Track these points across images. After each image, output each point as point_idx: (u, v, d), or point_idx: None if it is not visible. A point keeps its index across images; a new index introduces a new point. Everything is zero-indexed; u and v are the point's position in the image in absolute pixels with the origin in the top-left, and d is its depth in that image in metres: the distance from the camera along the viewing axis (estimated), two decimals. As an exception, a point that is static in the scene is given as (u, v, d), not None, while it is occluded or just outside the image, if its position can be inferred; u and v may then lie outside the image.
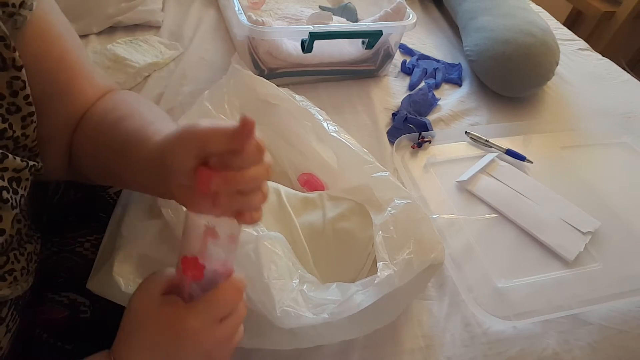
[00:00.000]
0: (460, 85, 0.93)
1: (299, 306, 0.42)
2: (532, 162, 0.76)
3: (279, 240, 0.47)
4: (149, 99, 0.70)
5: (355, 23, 0.91)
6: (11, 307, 0.38)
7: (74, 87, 0.42)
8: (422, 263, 0.46)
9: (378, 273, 0.44)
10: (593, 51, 1.10)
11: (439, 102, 0.87)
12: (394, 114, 0.82)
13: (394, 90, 0.89)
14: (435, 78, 0.92)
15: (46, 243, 0.50)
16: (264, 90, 0.61)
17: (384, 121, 0.81)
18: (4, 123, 0.34)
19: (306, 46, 0.75)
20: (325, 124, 0.58)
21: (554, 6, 1.45)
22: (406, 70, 0.94)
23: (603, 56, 1.08)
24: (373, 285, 0.43)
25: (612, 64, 1.05)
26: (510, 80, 0.85)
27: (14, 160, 0.34)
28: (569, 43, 1.10)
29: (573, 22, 1.84)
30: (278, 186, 0.57)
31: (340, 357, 0.50)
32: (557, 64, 0.88)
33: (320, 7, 0.99)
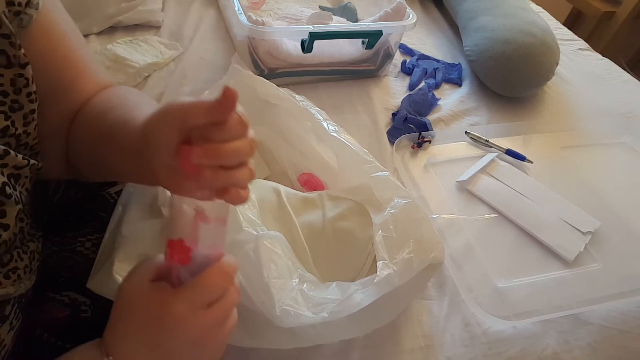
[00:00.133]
0: (460, 85, 0.93)
1: (299, 305, 0.42)
2: (532, 162, 0.76)
3: (279, 239, 0.47)
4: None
5: (355, 23, 0.92)
6: (14, 305, 0.38)
7: (79, 85, 0.42)
8: (422, 262, 0.46)
9: (378, 272, 0.44)
10: (593, 51, 1.10)
11: (439, 102, 0.87)
12: (394, 114, 0.82)
13: (394, 90, 0.89)
14: (435, 78, 0.92)
15: (47, 242, 0.50)
16: (264, 90, 0.61)
17: (384, 121, 0.81)
18: (7, 120, 0.34)
19: (306, 46, 0.75)
20: (325, 124, 0.58)
21: (554, 6, 1.45)
22: (406, 70, 0.94)
23: (603, 56, 1.08)
24: (373, 284, 0.43)
25: (612, 64, 1.05)
26: (510, 80, 0.85)
27: (16, 157, 0.35)
28: (569, 43, 1.10)
29: (573, 22, 1.84)
30: (278, 186, 0.57)
31: (340, 357, 0.50)
32: (557, 64, 0.88)
33: (320, 7, 0.99)
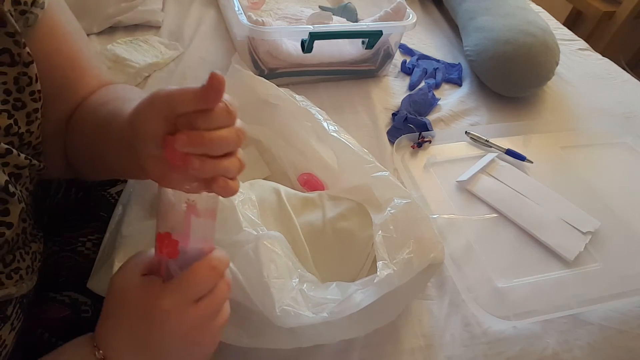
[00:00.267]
0: (460, 85, 0.93)
1: (299, 305, 0.42)
2: (532, 162, 0.76)
3: (279, 239, 0.47)
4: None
5: (355, 23, 0.92)
6: (16, 306, 0.38)
7: (82, 84, 0.42)
8: (422, 263, 0.46)
9: (378, 272, 0.44)
10: (593, 51, 1.10)
11: (439, 102, 0.87)
12: (394, 114, 0.82)
13: (394, 90, 0.89)
14: (435, 78, 0.92)
15: (47, 242, 0.50)
16: (264, 90, 0.61)
17: (384, 121, 0.81)
18: (10, 119, 0.34)
19: (306, 46, 0.75)
20: (325, 124, 0.58)
21: (554, 6, 1.45)
22: (406, 70, 0.94)
23: (603, 56, 1.08)
24: (373, 284, 0.43)
25: (612, 64, 1.05)
26: (510, 80, 0.85)
27: (18, 156, 0.35)
28: (569, 43, 1.10)
29: (573, 22, 1.84)
30: (278, 186, 0.57)
31: (340, 357, 0.50)
32: (557, 64, 0.88)
33: (320, 7, 0.99)
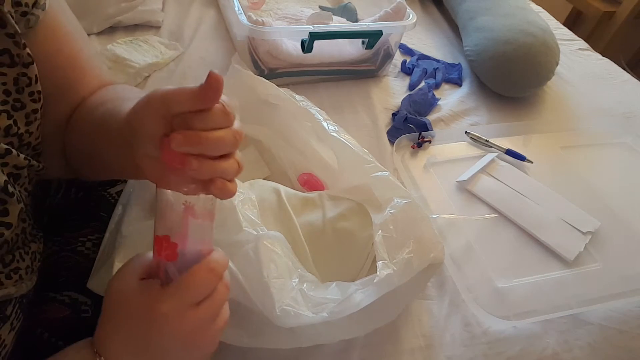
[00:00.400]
0: (460, 85, 0.93)
1: (299, 305, 0.42)
2: (532, 162, 0.76)
3: (279, 239, 0.47)
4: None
5: (355, 23, 0.92)
6: (15, 305, 0.38)
7: (83, 84, 0.42)
8: (422, 262, 0.46)
9: (378, 272, 0.44)
10: (593, 51, 1.10)
11: (439, 102, 0.87)
12: (394, 114, 0.82)
13: (394, 90, 0.89)
14: (435, 78, 0.92)
15: (47, 242, 0.50)
16: (264, 90, 0.61)
17: (384, 121, 0.81)
18: (10, 119, 0.34)
19: (306, 46, 0.75)
20: (325, 124, 0.58)
21: (554, 6, 1.45)
22: (406, 70, 0.94)
23: (603, 56, 1.08)
24: (373, 284, 0.43)
25: (612, 64, 1.05)
26: (510, 80, 0.85)
27: (17, 157, 0.35)
28: (569, 43, 1.10)
29: (573, 22, 1.84)
30: (278, 186, 0.57)
31: (340, 357, 0.50)
32: (557, 64, 0.88)
33: (320, 7, 0.99)
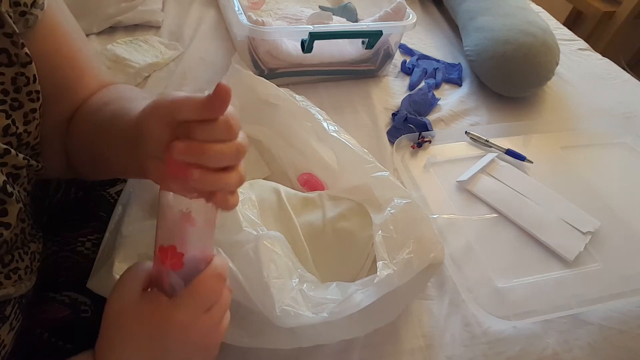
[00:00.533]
0: (460, 85, 0.93)
1: (299, 305, 0.42)
2: (532, 162, 0.76)
3: (279, 239, 0.47)
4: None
5: (355, 23, 0.92)
6: (15, 306, 0.38)
7: (82, 84, 0.42)
8: (422, 263, 0.46)
9: (378, 272, 0.44)
10: (593, 51, 1.10)
11: (439, 102, 0.87)
12: (394, 114, 0.82)
13: (394, 90, 0.89)
14: (435, 78, 0.92)
15: (47, 242, 0.50)
16: (264, 90, 0.61)
17: (384, 121, 0.81)
18: (8, 119, 0.34)
19: (306, 46, 0.75)
20: (325, 124, 0.58)
21: (554, 6, 1.45)
22: (406, 70, 0.94)
23: (603, 56, 1.08)
24: (373, 284, 0.43)
25: (612, 64, 1.05)
26: (510, 80, 0.85)
27: (16, 157, 0.35)
28: (569, 43, 1.10)
29: (573, 22, 1.84)
30: (278, 186, 0.57)
31: (340, 357, 0.50)
32: (557, 64, 0.88)
33: (320, 7, 0.99)
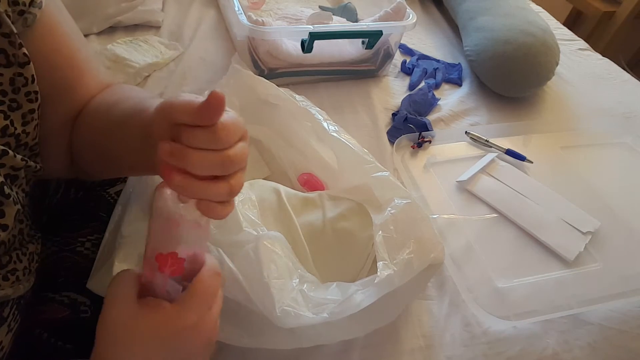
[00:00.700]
0: (460, 85, 0.93)
1: (299, 306, 0.42)
2: (532, 162, 0.76)
3: (279, 239, 0.47)
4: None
5: (355, 23, 0.91)
6: (13, 307, 0.38)
7: (81, 84, 0.42)
8: (422, 263, 0.46)
9: (378, 273, 0.44)
10: (593, 51, 1.10)
11: (439, 102, 0.87)
12: (394, 114, 0.82)
13: (394, 90, 0.89)
14: (435, 78, 0.92)
15: (46, 242, 0.50)
16: (264, 90, 0.61)
17: (384, 121, 0.81)
18: (6, 120, 0.34)
19: (306, 46, 0.75)
20: (325, 124, 0.58)
21: (554, 6, 1.45)
22: (406, 70, 0.94)
23: (603, 56, 1.08)
24: (373, 285, 0.43)
25: (612, 64, 1.05)
26: (510, 80, 0.85)
27: (14, 158, 0.35)
28: (569, 43, 1.10)
29: (573, 22, 1.84)
30: (278, 186, 0.57)
31: (340, 357, 0.50)
32: (557, 64, 0.88)
33: (320, 7, 0.99)
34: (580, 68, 1.02)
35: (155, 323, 0.31)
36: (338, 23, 0.88)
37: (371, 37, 0.79)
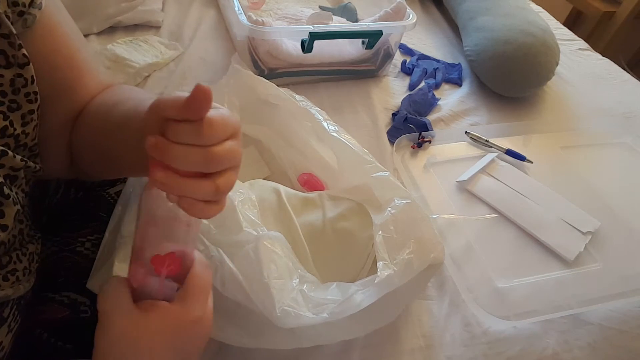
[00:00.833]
0: (460, 85, 0.93)
1: (299, 306, 0.42)
2: (532, 162, 0.76)
3: (279, 239, 0.47)
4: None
5: (355, 23, 0.91)
6: (13, 307, 0.38)
7: (81, 85, 0.42)
8: (422, 263, 0.46)
9: (378, 273, 0.44)
10: (593, 51, 1.10)
11: (439, 102, 0.87)
12: (394, 114, 0.82)
13: (394, 90, 0.89)
14: (435, 78, 0.92)
15: (46, 242, 0.50)
16: (264, 90, 0.61)
17: (384, 121, 0.81)
18: (5, 120, 0.34)
19: (306, 46, 0.75)
20: (325, 124, 0.58)
21: (554, 6, 1.45)
22: (406, 70, 0.94)
23: (603, 56, 1.08)
24: (373, 285, 0.43)
25: (612, 64, 1.05)
26: (510, 80, 0.85)
27: (14, 158, 0.35)
28: (569, 43, 1.10)
29: (573, 22, 1.84)
30: (278, 186, 0.57)
31: (340, 357, 0.50)
32: (557, 64, 0.88)
33: (320, 7, 0.99)
34: (580, 68, 1.02)
35: (161, 326, 0.31)
36: (338, 23, 0.88)
37: (371, 37, 0.79)
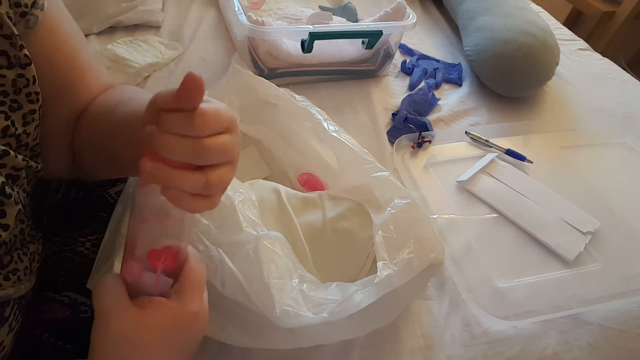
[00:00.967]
0: (460, 85, 0.93)
1: (299, 306, 0.42)
2: (532, 162, 0.76)
3: (279, 239, 0.47)
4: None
5: (355, 23, 0.92)
6: (14, 307, 0.38)
7: (83, 85, 0.42)
8: (422, 263, 0.46)
9: (378, 273, 0.44)
10: (593, 51, 1.10)
11: (439, 102, 0.87)
12: (394, 114, 0.82)
13: (394, 90, 0.89)
14: (435, 78, 0.92)
15: (47, 242, 0.50)
16: (264, 90, 0.61)
17: (384, 121, 0.81)
18: (7, 120, 0.34)
19: (306, 46, 0.75)
20: (325, 124, 0.58)
21: (554, 6, 1.45)
22: (406, 70, 0.94)
23: (603, 56, 1.08)
24: (373, 284, 0.43)
25: (612, 64, 1.05)
26: (510, 80, 0.85)
27: (15, 158, 0.35)
28: (569, 43, 1.10)
29: (573, 22, 1.84)
30: (278, 186, 0.57)
31: (340, 357, 0.50)
32: (557, 64, 0.88)
33: (320, 7, 0.99)
34: (580, 68, 1.02)
35: (160, 322, 0.31)
36: (338, 23, 0.88)
37: (371, 37, 0.79)
